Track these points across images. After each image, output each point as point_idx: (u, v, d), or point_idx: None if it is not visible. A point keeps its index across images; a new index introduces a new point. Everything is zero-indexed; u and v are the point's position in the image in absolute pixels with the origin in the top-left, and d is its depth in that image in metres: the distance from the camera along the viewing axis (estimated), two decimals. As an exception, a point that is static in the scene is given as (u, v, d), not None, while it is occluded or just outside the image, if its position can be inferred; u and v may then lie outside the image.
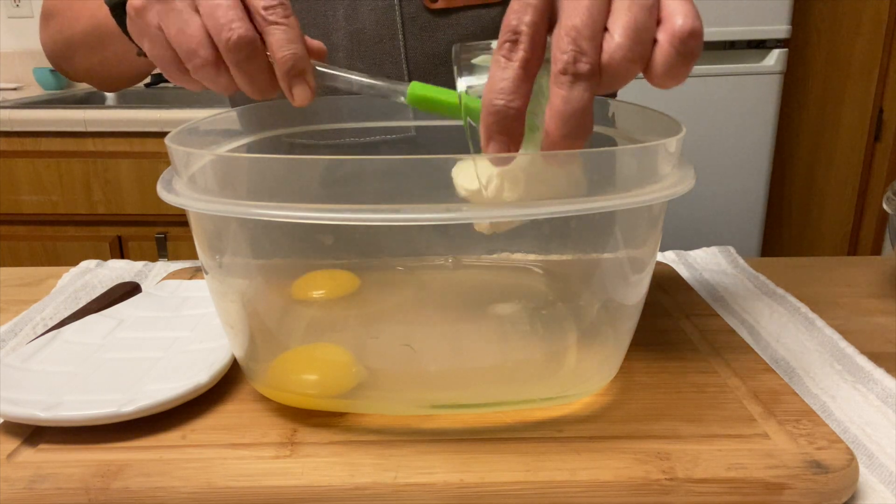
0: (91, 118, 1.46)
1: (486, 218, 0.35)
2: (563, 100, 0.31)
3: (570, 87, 0.31)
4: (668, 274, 0.61)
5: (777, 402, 0.39)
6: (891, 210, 0.58)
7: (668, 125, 0.38)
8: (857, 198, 2.03)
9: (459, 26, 0.60)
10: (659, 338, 0.48)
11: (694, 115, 1.60)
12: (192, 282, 0.55)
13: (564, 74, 0.31)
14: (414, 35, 0.59)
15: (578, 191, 0.33)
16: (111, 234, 1.55)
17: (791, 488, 0.33)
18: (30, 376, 0.41)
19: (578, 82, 0.31)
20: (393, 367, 0.42)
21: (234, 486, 0.33)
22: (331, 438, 0.37)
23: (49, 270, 0.67)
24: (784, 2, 1.55)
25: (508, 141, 0.32)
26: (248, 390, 0.41)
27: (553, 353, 0.42)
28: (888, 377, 0.44)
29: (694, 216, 1.68)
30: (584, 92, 0.31)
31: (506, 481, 0.33)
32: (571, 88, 0.31)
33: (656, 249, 0.40)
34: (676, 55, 0.32)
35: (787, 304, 0.56)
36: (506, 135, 0.32)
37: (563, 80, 0.31)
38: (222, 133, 0.46)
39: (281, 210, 0.31)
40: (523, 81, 0.32)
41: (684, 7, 0.32)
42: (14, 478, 0.34)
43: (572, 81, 0.31)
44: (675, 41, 0.32)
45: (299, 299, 0.48)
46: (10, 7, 1.93)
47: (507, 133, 0.32)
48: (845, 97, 1.95)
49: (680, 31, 0.32)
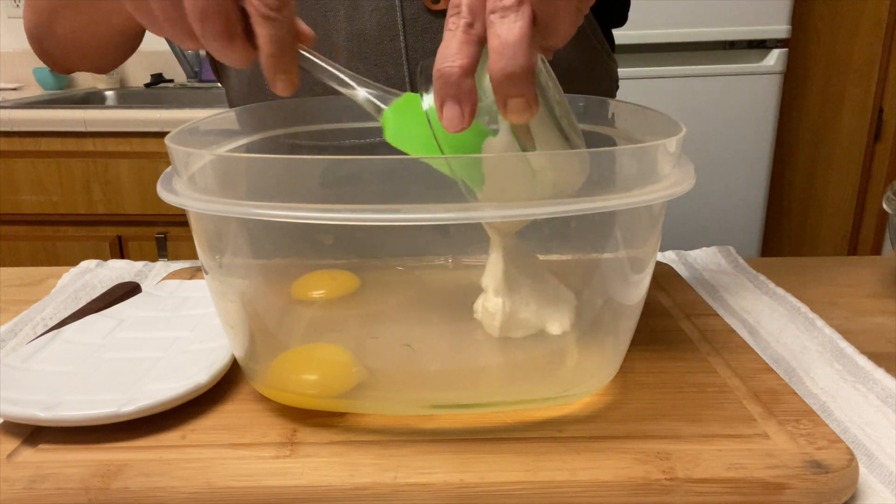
0: (91, 118, 1.46)
1: (485, 218, 0.35)
2: (495, 35, 0.31)
3: (501, 21, 0.31)
4: (668, 274, 0.61)
5: (777, 402, 0.39)
6: (891, 210, 0.58)
7: (667, 125, 0.38)
8: (857, 198, 2.03)
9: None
10: (659, 338, 0.48)
11: (694, 115, 1.60)
12: (192, 282, 0.55)
13: (493, 13, 0.31)
14: (415, 36, 0.59)
15: (583, 172, 0.33)
16: (111, 234, 1.55)
17: (791, 488, 0.33)
18: (30, 376, 0.41)
19: (507, 14, 0.31)
20: (393, 367, 0.42)
21: (233, 487, 0.33)
22: (331, 438, 0.37)
23: (49, 270, 0.67)
24: (784, 2, 1.55)
25: (460, 102, 0.32)
26: (248, 390, 0.41)
27: (553, 353, 0.42)
28: (888, 377, 0.44)
29: (694, 216, 1.68)
30: (515, 22, 0.31)
31: (506, 481, 0.33)
32: (502, 22, 0.31)
33: (656, 249, 0.40)
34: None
35: (787, 304, 0.56)
36: (456, 96, 0.32)
37: (493, 19, 0.31)
38: (222, 133, 0.46)
39: (281, 210, 0.31)
40: (465, 43, 0.32)
41: None
42: (14, 478, 0.34)
43: (501, 15, 0.31)
44: None
45: (299, 299, 0.48)
46: (10, 7, 1.93)
47: (457, 95, 0.32)
48: (845, 97, 1.95)
49: None
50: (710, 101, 1.60)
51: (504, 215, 0.33)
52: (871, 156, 1.99)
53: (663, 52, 1.55)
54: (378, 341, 0.43)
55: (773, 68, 1.59)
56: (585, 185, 0.33)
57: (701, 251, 0.70)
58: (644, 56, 1.55)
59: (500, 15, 0.31)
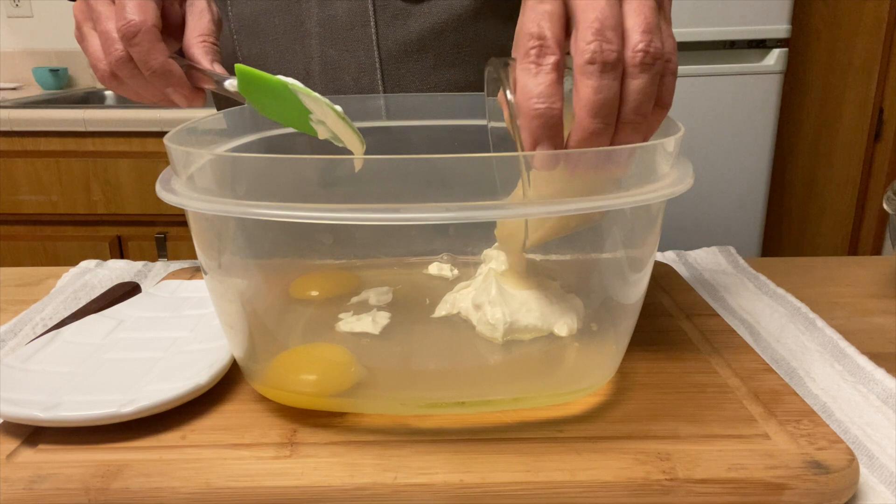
0: (91, 118, 1.46)
1: (485, 217, 0.35)
2: (594, 89, 0.31)
3: (600, 76, 0.31)
4: (668, 274, 0.61)
5: (777, 402, 0.39)
6: (891, 210, 0.58)
7: (666, 125, 0.38)
8: (857, 198, 2.03)
9: (432, 15, 0.60)
10: (659, 338, 0.48)
11: (694, 115, 1.60)
12: (192, 282, 0.55)
13: (592, 64, 0.31)
14: (386, 23, 0.60)
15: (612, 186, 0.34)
16: (111, 233, 1.55)
17: (791, 489, 0.33)
18: (29, 376, 0.41)
19: (606, 71, 0.31)
20: (392, 366, 0.42)
21: (233, 487, 0.33)
22: (331, 438, 0.37)
23: (49, 270, 0.67)
24: (784, 2, 1.55)
25: (555, 143, 0.33)
26: (247, 390, 0.41)
27: (553, 352, 0.42)
28: (889, 377, 0.44)
29: (694, 216, 1.68)
30: (613, 81, 0.31)
31: (506, 481, 0.33)
32: (601, 77, 0.31)
33: (655, 249, 0.40)
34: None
35: (787, 304, 0.56)
36: (552, 138, 0.32)
37: (592, 70, 0.31)
38: (221, 133, 0.46)
39: (280, 210, 0.31)
40: (558, 84, 0.32)
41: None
42: (14, 478, 0.34)
43: (601, 70, 0.31)
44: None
45: (298, 299, 0.48)
46: (10, 7, 1.93)
47: (553, 136, 0.32)
48: (845, 97, 1.95)
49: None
50: (710, 101, 1.60)
51: (504, 215, 0.33)
52: (871, 156, 1.99)
53: (663, 52, 1.55)
54: (377, 340, 0.43)
55: (773, 68, 1.59)
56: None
57: (701, 251, 0.70)
58: (644, 56, 1.54)
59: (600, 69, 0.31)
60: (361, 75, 0.61)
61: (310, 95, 0.39)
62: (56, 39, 1.95)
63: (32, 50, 1.96)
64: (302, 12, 0.60)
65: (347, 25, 0.60)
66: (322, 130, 0.41)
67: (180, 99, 0.46)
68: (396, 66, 0.61)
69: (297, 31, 0.61)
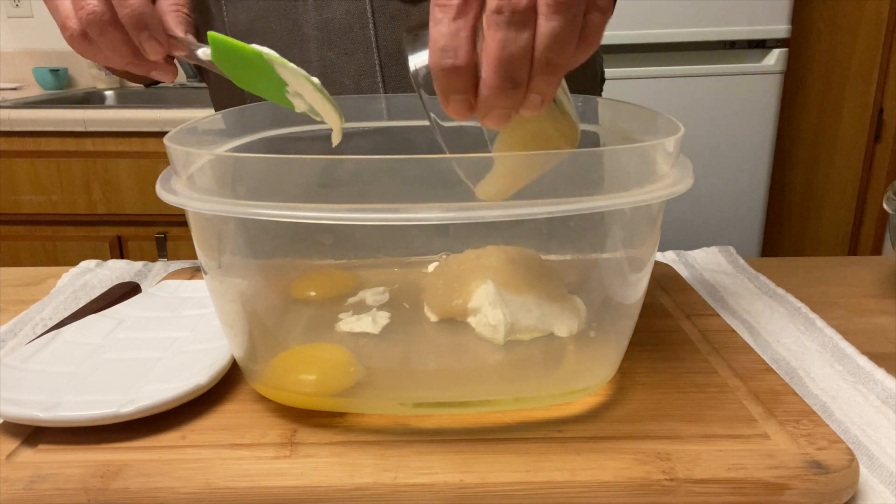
0: (91, 118, 1.46)
1: (485, 217, 0.35)
2: (500, 43, 0.29)
3: (507, 28, 0.29)
4: (668, 274, 0.61)
5: (777, 402, 0.39)
6: (891, 210, 0.58)
7: (666, 125, 0.38)
8: (857, 198, 2.03)
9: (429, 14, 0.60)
10: (659, 338, 0.48)
11: (694, 115, 1.60)
12: (192, 282, 0.55)
13: (499, 14, 0.28)
14: (384, 24, 0.59)
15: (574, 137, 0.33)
16: (111, 233, 1.55)
17: (791, 489, 0.33)
18: (29, 376, 0.41)
19: (514, 22, 0.29)
20: (392, 366, 0.42)
21: (233, 487, 0.33)
22: (330, 439, 0.37)
23: (49, 270, 0.67)
24: (784, 2, 1.55)
25: (466, 96, 0.31)
26: (247, 390, 0.41)
27: (553, 352, 0.42)
28: (889, 377, 0.44)
29: (694, 216, 1.68)
30: (522, 32, 0.29)
31: (506, 481, 0.33)
32: (507, 28, 0.29)
33: (655, 249, 0.40)
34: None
35: (787, 304, 0.56)
36: (461, 92, 0.31)
37: (499, 21, 0.29)
38: (221, 133, 0.46)
39: (280, 210, 0.31)
40: (464, 31, 0.30)
41: None
42: (14, 478, 0.34)
43: (508, 21, 0.29)
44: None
45: (298, 298, 0.48)
46: (10, 7, 1.93)
47: (461, 90, 0.31)
48: (845, 97, 1.95)
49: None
50: (710, 101, 1.60)
51: (504, 215, 0.33)
52: (871, 156, 1.99)
53: (663, 52, 1.55)
54: (377, 340, 0.43)
55: (773, 68, 1.59)
56: (584, 184, 0.33)
57: (701, 251, 0.70)
58: (644, 56, 1.54)
59: (508, 18, 0.29)
60: (362, 78, 0.61)
61: (286, 66, 0.38)
62: (56, 39, 1.94)
63: (32, 50, 1.96)
64: (299, 16, 0.60)
65: (346, 28, 0.60)
66: (299, 103, 0.40)
67: (154, 49, 0.43)
68: (397, 67, 0.61)
69: (294, 36, 0.60)
